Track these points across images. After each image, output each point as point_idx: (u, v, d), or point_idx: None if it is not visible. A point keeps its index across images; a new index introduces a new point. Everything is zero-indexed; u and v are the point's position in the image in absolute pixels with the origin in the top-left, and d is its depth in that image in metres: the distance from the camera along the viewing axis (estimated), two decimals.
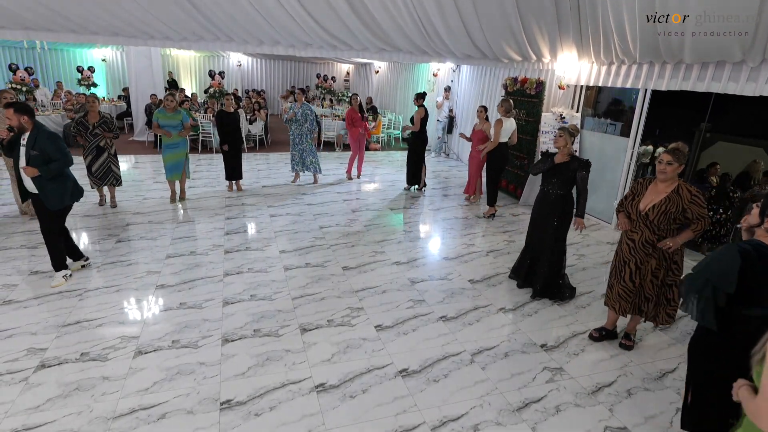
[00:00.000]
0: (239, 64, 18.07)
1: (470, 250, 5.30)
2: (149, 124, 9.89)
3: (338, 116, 12.06)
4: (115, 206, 6.21)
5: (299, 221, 5.99)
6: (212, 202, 6.66)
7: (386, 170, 9.46)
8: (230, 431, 2.50)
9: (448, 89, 10.82)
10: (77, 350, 3.11)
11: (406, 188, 7.88)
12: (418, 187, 7.82)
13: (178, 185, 6.67)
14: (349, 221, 6.11)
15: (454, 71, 10.67)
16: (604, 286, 4.35)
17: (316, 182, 8.01)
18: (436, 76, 11.61)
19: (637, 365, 3.28)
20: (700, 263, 2.11)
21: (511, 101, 6.38)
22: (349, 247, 5.21)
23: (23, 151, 3.73)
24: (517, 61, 7.59)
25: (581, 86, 6.74)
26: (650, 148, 7.54)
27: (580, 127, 6.70)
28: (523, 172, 7.38)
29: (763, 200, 2.10)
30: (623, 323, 3.63)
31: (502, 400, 2.86)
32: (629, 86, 5.68)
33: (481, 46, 7.24)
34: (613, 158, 6.33)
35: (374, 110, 12.23)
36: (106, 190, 6.28)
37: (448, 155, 11.23)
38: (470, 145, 6.98)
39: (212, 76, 15.73)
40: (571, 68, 6.51)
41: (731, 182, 6.31)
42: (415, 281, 4.43)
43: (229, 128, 6.99)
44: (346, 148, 11.37)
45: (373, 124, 11.93)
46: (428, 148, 11.78)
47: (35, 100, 11.25)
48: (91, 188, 6.08)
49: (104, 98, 14.38)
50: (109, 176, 6.02)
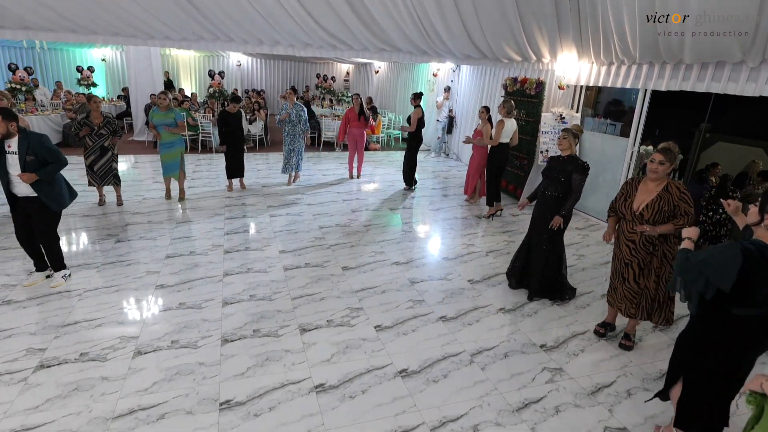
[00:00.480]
0: (239, 63, 18.06)
1: (470, 250, 5.30)
2: (149, 123, 9.87)
3: (338, 116, 12.05)
4: (121, 204, 6.24)
5: (299, 221, 5.98)
6: (212, 202, 6.65)
7: (386, 170, 9.46)
8: (229, 431, 2.50)
9: (447, 89, 10.81)
10: (76, 350, 3.11)
11: (406, 188, 7.88)
12: (413, 186, 7.86)
13: (176, 184, 6.67)
14: (348, 221, 6.11)
15: (453, 71, 10.67)
16: (604, 286, 4.35)
17: (292, 182, 7.83)
18: (435, 76, 11.61)
19: (636, 365, 3.28)
20: (698, 254, 2.06)
21: (512, 102, 6.36)
22: (348, 247, 5.21)
23: (14, 158, 3.62)
24: (516, 61, 7.59)
25: (581, 86, 6.74)
26: (651, 148, 7.54)
27: None
28: (523, 172, 7.38)
29: (761, 198, 2.08)
30: (622, 321, 3.63)
31: (501, 400, 2.86)
32: (629, 86, 5.67)
33: (480, 46, 7.24)
34: (613, 158, 6.33)
35: (374, 110, 12.21)
36: (105, 189, 6.28)
37: (447, 155, 11.23)
38: (470, 145, 6.95)
39: (212, 76, 15.73)
40: (570, 68, 6.51)
41: (731, 182, 6.31)
42: (414, 281, 4.43)
43: (231, 128, 6.99)
44: (345, 148, 11.36)
45: (372, 124, 11.92)
46: (427, 147, 11.86)
47: (35, 99, 11.23)
48: (89, 186, 6.09)
49: (104, 98, 14.38)
50: (109, 176, 6.04)
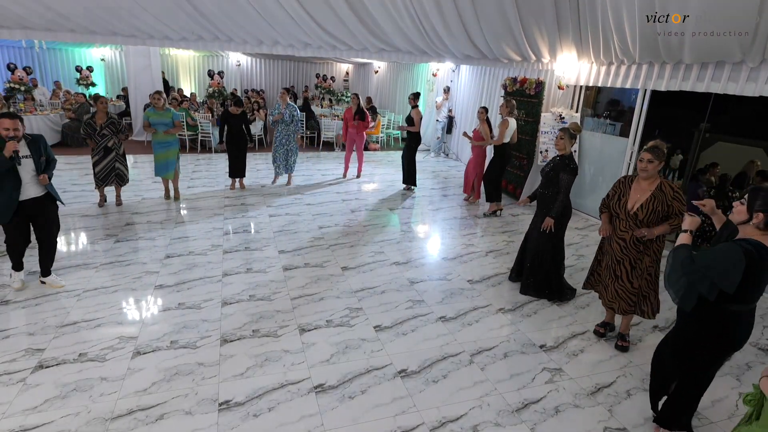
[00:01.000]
0: (238, 63, 18.04)
1: (469, 250, 5.29)
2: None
3: (337, 116, 12.05)
4: (120, 204, 6.23)
5: (298, 221, 5.98)
6: (211, 202, 6.64)
7: (385, 170, 9.46)
8: None
9: (447, 90, 10.81)
10: (75, 351, 3.10)
11: (407, 188, 7.87)
12: (412, 186, 7.86)
13: (171, 184, 6.67)
14: (348, 221, 6.10)
15: (453, 71, 10.66)
16: None
17: (289, 184, 7.80)
18: (435, 76, 11.61)
19: (636, 366, 3.28)
20: (702, 257, 2.06)
21: (514, 102, 6.40)
22: (348, 247, 5.20)
23: (29, 162, 3.57)
24: (516, 61, 7.59)
25: (581, 86, 6.74)
26: None
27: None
28: (522, 172, 7.38)
29: (748, 196, 2.05)
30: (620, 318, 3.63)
31: (501, 400, 2.85)
32: (629, 86, 5.67)
33: (480, 46, 7.24)
34: (612, 158, 6.33)
35: (374, 110, 12.20)
36: (106, 189, 6.24)
37: (447, 155, 11.22)
38: (469, 146, 6.96)
39: (211, 75, 15.71)
40: (570, 68, 6.51)
41: (730, 182, 6.32)
42: (414, 281, 4.42)
43: (232, 129, 7.01)
44: (344, 148, 11.34)
45: (372, 124, 11.91)
46: (427, 147, 11.86)
47: (33, 99, 11.21)
48: (95, 188, 6.08)
49: (111, 98, 14.33)
50: (110, 176, 6.01)
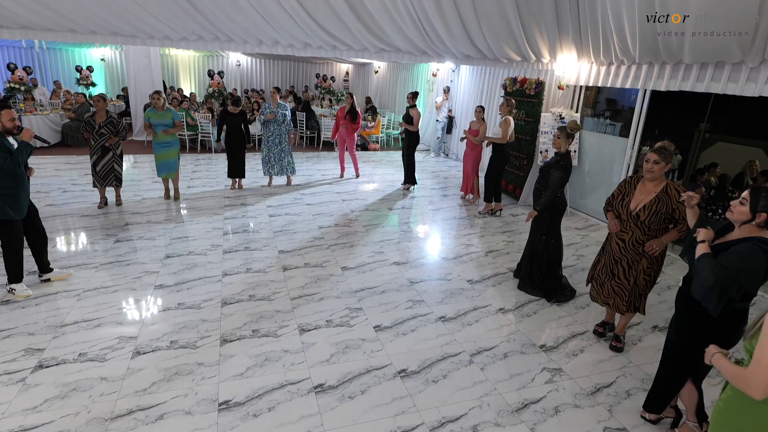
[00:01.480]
0: (238, 63, 18.04)
1: (469, 250, 5.29)
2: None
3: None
4: (120, 204, 6.24)
5: (298, 221, 5.97)
6: (211, 201, 6.64)
7: (385, 170, 9.45)
8: None
9: (447, 90, 10.81)
10: (75, 351, 3.10)
11: (407, 187, 7.86)
12: (411, 185, 7.85)
13: (171, 184, 6.67)
14: (347, 221, 6.10)
15: (453, 71, 10.66)
16: None
17: (289, 184, 7.79)
18: (435, 76, 11.61)
19: (636, 366, 3.28)
20: (728, 261, 2.05)
21: (513, 101, 6.45)
22: (347, 247, 5.20)
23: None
24: (516, 61, 7.59)
25: (581, 86, 6.73)
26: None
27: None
28: (522, 172, 7.38)
29: (751, 196, 2.06)
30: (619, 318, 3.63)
31: (501, 400, 2.85)
32: (629, 86, 5.67)
33: (480, 46, 7.23)
34: (612, 159, 6.33)
35: (373, 110, 12.20)
36: (106, 190, 6.24)
37: (447, 155, 11.22)
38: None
39: (211, 75, 15.70)
40: (570, 68, 6.51)
41: (730, 183, 6.32)
42: (413, 281, 4.42)
43: (230, 129, 7.01)
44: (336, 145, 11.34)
45: (372, 124, 11.91)
46: (427, 147, 11.86)
47: (33, 99, 11.20)
48: (93, 186, 6.08)
49: (112, 98, 14.32)
50: (110, 176, 6.01)
